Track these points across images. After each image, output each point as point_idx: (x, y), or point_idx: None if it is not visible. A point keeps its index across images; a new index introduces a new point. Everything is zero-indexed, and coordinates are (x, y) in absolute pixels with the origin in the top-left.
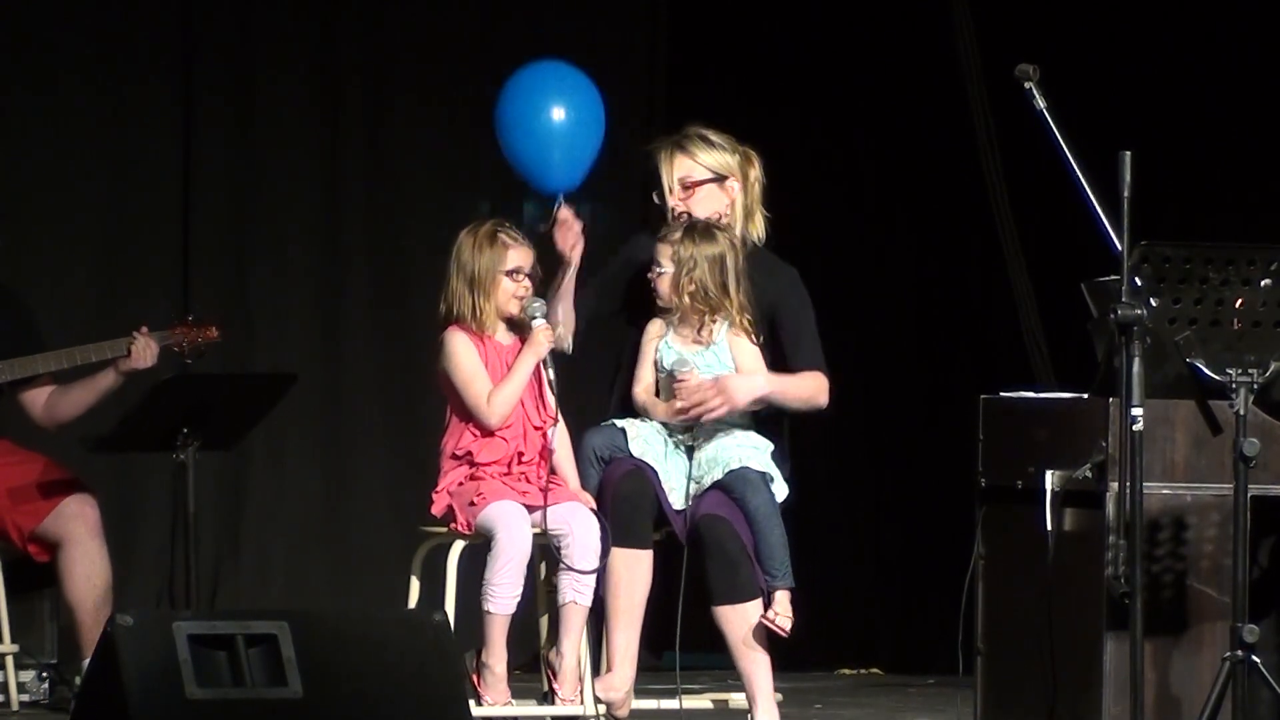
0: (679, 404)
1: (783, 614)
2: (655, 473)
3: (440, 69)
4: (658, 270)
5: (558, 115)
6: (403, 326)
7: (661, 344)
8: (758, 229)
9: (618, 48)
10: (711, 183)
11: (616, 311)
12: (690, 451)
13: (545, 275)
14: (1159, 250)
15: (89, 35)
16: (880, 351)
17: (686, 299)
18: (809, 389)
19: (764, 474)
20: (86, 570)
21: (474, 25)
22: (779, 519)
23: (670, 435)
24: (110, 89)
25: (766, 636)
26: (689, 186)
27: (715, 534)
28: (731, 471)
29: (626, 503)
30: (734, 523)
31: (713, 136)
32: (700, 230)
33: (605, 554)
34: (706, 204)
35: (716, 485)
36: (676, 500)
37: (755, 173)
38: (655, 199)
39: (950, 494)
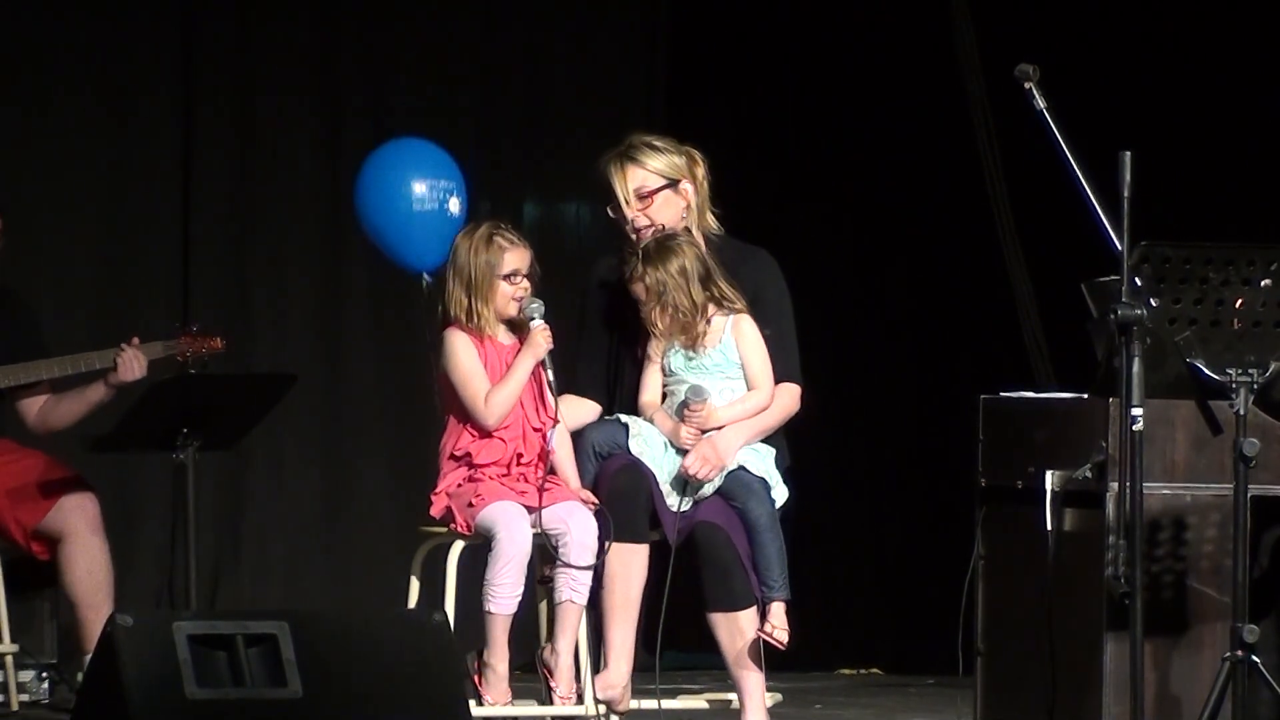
0: (685, 434)
1: (779, 626)
2: (651, 470)
3: (440, 74)
4: (647, 308)
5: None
6: (403, 327)
7: (669, 350)
8: (710, 226)
9: (618, 59)
10: (666, 189)
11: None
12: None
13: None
14: (1159, 250)
15: (90, 42)
16: (880, 352)
17: (673, 322)
18: (781, 412)
19: (764, 480)
20: (87, 565)
21: (473, 34)
22: (778, 530)
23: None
24: (111, 95)
25: (760, 644)
26: (645, 196)
27: (711, 541)
28: (731, 474)
29: (622, 497)
30: (730, 530)
31: (657, 142)
32: (654, 250)
33: (603, 553)
34: (665, 210)
35: (716, 491)
36: (672, 502)
37: (701, 171)
38: (611, 213)
39: (950, 494)
